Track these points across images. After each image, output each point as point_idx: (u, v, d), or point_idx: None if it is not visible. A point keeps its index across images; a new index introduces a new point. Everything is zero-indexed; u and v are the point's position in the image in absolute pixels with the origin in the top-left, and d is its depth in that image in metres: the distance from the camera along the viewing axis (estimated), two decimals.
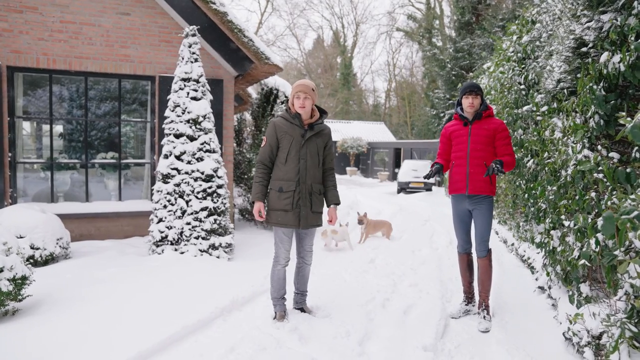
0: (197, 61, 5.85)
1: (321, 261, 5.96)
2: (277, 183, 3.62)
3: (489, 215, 3.81)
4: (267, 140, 3.63)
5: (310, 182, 3.66)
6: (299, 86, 3.58)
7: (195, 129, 5.71)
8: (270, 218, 3.67)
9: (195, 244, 5.60)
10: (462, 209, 3.97)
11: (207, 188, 5.67)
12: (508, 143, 3.76)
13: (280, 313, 3.79)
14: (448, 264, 6.04)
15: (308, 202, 3.65)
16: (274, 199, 3.63)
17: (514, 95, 6.06)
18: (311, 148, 3.66)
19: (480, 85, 3.60)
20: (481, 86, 9.73)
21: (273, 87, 8.33)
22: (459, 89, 5.11)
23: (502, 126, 3.80)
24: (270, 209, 3.66)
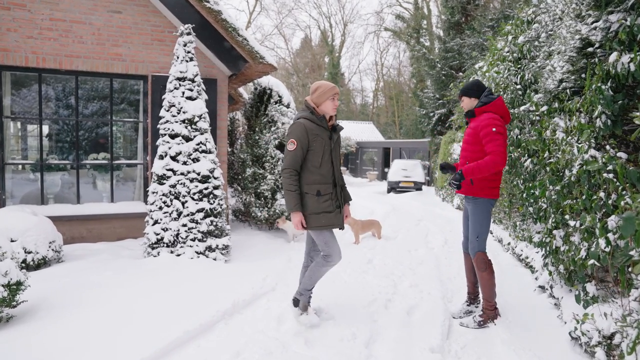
0: (193, 60, 5.76)
1: None
2: (314, 187, 3.52)
3: (478, 216, 3.73)
4: (299, 143, 3.44)
5: (340, 182, 3.72)
6: (334, 88, 3.53)
7: (191, 129, 5.62)
8: (313, 222, 3.51)
9: (192, 246, 5.51)
10: (465, 208, 4.08)
11: (204, 189, 5.58)
12: (490, 140, 3.49)
13: (306, 305, 3.80)
14: (445, 263, 6.04)
15: (341, 202, 3.69)
16: (312, 203, 3.51)
17: (510, 95, 6.08)
18: (336, 149, 3.67)
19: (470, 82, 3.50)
20: None
21: (266, 86, 8.26)
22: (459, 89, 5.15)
23: (485, 122, 3.55)
24: (311, 213, 3.51)
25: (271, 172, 7.66)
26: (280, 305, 4.23)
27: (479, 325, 3.75)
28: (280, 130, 7.72)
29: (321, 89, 3.54)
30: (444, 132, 17.08)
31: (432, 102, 18.45)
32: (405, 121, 38.45)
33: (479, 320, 3.78)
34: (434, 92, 18.50)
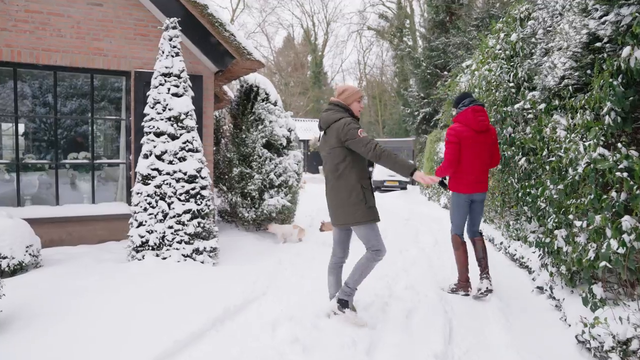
0: (178, 55, 5.53)
1: (309, 265, 5.76)
2: (367, 182, 3.73)
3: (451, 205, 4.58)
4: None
5: None
6: (360, 91, 3.79)
7: (177, 127, 5.40)
8: (369, 215, 3.64)
9: (178, 248, 5.29)
10: (466, 204, 4.54)
11: (190, 189, 5.37)
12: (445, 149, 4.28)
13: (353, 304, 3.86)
14: (438, 264, 5.94)
15: None
16: (369, 196, 3.68)
17: (502, 93, 6.02)
18: None
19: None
20: (462, 84, 9.75)
21: (253, 84, 8.05)
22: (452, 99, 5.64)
23: (447, 133, 4.28)
24: (370, 207, 3.65)
25: (258, 172, 7.47)
26: (273, 310, 4.07)
27: (451, 291, 4.65)
28: (267, 128, 7.53)
29: (349, 91, 3.75)
30: (429, 130, 17.08)
31: (416, 101, 18.44)
32: (388, 120, 38.52)
33: (452, 287, 4.68)
34: (419, 91, 18.50)
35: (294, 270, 5.47)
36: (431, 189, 14.23)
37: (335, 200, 3.69)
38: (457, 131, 4.15)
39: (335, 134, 3.58)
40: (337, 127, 3.57)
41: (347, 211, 3.61)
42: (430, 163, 14.19)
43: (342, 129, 3.53)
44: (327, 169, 3.74)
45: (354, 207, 3.59)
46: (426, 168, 15.28)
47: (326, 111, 3.75)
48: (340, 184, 3.63)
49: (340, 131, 3.54)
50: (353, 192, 3.60)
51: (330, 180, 3.72)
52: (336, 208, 3.71)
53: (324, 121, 3.72)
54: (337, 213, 3.71)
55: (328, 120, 3.68)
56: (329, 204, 3.79)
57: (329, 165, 3.71)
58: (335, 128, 3.60)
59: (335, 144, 3.60)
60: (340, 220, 3.71)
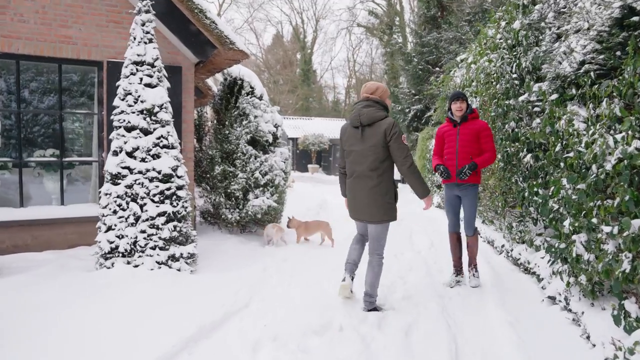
0: (152, 42, 5.02)
1: (297, 272, 5.29)
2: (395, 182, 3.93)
3: (475, 201, 4.57)
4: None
5: None
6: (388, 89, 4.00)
7: (150, 121, 4.89)
8: (395, 214, 3.92)
9: (152, 255, 4.80)
10: (451, 195, 4.71)
11: (165, 190, 4.87)
12: (490, 140, 4.44)
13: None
14: (436, 268, 5.51)
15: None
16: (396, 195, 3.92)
17: (504, 85, 5.60)
18: None
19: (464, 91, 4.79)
20: (458, 79, 9.35)
21: (237, 76, 7.55)
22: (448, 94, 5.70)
23: (485, 126, 4.48)
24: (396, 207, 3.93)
25: (242, 170, 6.98)
26: (256, 326, 3.61)
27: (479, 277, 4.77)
28: (252, 124, 7.04)
29: (382, 89, 3.84)
30: (421, 128, 16.70)
31: (407, 98, 18.05)
32: None
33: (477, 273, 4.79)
34: (410, 87, 18.11)
35: (281, 278, 5.01)
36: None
37: (370, 198, 3.74)
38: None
39: (382, 134, 3.63)
40: (386, 125, 3.62)
41: (380, 210, 3.74)
42: (423, 161, 13.80)
43: (391, 128, 3.61)
44: (365, 166, 3.73)
45: (386, 207, 3.76)
46: (418, 166, 14.89)
47: (366, 107, 3.71)
48: (381, 182, 3.71)
49: (389, 131, 3.61)
50: (389, 192, 3.76)
51: (366, 178, 3.74)
52: (369, 205, 3.76)
53: (368, 117, 3.68)
54: (370, 210, 3.77)
55: (373, 117, 3.67)
56: (363, 201, 3.79)
57: (367, 162, 3.71)
58: (382, 127, 3.64)
59: (380, 142, 3.65)
60: (369, 217, 3.80)
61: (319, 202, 11.03)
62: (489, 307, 4.09)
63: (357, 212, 3.90)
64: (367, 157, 3.71)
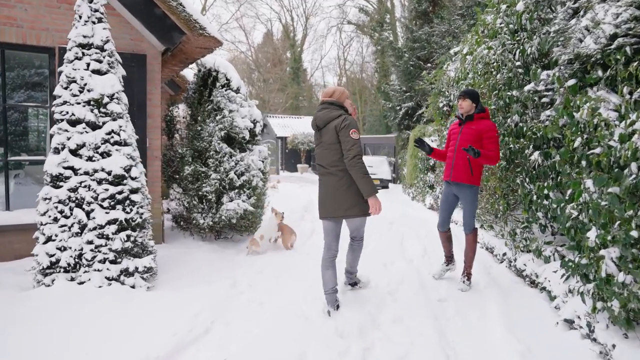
0: (102, 21, 4.33)
1: (272, 287, 4.63)
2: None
3: (474, 203, 4.43)
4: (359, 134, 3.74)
5: None
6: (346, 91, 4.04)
7: (99, 114, 4.20)
8: (367, 208, 3.82)
9: (101, 269, 4.11)
10: (448, 192, 4.59)
11: (117, 193, 4.18)
12: (494, 142, 4.22)
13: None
14: (431, 281, 4.87)
15: None
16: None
17: (506, 75, 4.98)
18: None
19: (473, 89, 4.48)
20: (452, 73, 8.73)
21: (212, 68, 6.85)
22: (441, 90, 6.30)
23: (490, 127, 4.26)
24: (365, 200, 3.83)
25: (216, 170, 6.29)
26: None
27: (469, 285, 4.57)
28: (227, 119, 6.35)
29: (339, 91, 3.94)
30: (412, 126, 16.11)
31: (398, 95, 17.45)
32: (369, 117, 37.61)
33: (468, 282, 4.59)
34: (401, 84, 17.51)
35: (252, 295, 4.34)
36: (415, 188, 13.23)
37: (335, 193, 3.78)
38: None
39: (334, 130, 3.71)
40: (335, 123, 3.71)
41: (351, 203, 3.76)
42: (414, 160, 13.19)
43: (340, 122, 3.68)
44: (325, 164, 3.82)
45: (356, 200, 3.76)
46: (410, 165, 14.29)
47: (321, 110, 3.84)
48: (343, 177, 3.75)
49: (339, 125, 3.68)
50: (353, 185, 3.74)
51: (329, 175, 3.81)
52: (340, 201, 3.77)
53: (322, 120, 3.81)
54: (340, 206, 3.77)
55: (326, 119, 3.79)
56: (328, 197, 3.82)
57: (327, 160, 3.80)
58: (333, 125, 3.73)
59: (334, 138, 3.72)
60: (334, 213, 3.80)
61: (305, 204, 10.36)
62: (494, 332, 3.46)
63: (323, 210, 3.89)
64: (327, 156, 3.81)
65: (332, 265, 3.92)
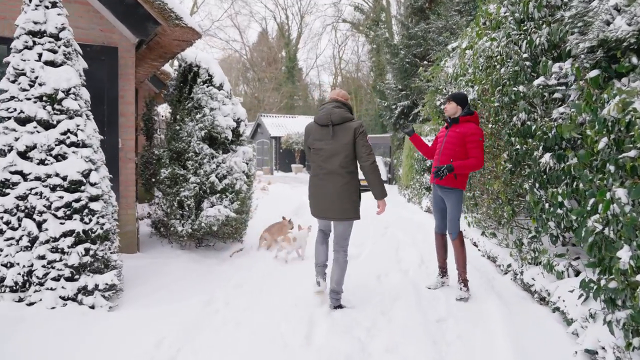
0: (57, 6, 3.82)
1: (252, 303, 4.15)
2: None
3: (458, 206, 4.32)
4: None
5: None
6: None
7: (53, 111, 3.70)
8: (359, 213, 3.93)
9: (54, 288, 3.61)
10: (436, 195, 4.53)
11: (73, 201, 3.68)
12: (476, 146, 4.16)
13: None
14: (428, 296, 4.40)
15: None
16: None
17: (511, 69, 4.52)
18: None
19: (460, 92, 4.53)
20: (449, 69, 8.28)
21: (193, 62, 6.35)
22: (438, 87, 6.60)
23: (473, 130, 4.19)
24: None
25: (195, 173, 5.80)
26: None
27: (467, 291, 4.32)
28: (207, 118, 5.85)
29: (347, 96, 4.01)
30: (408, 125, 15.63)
31: (394, 94, 16.99)
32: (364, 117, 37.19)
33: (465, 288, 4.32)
34: (396, 82, 17.05)
35: (229, 314, 3.86)
36: (410, 190, 12.76)
37: (340, 195, 3.79)
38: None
39: (352, 132, 3.75)
40: (355, 125, 3.77)
41: (349, 207, 3.81)
42: (410, 160, 12.73)
43: (359, 128, 3.77)
44: (337, 164, 3.78)
45: (353, 204, 3.84)
46: (405, 166, 13.83)
47: (337, 108, 3.83)
48: (350, 180, 3.82)
49: (358, 130, 3.75)
50: (357, 190, 3.89)
51: (336, 175, 3.79)
52: (339, 203, 3.80)
53: (339, 116, 3.79)
54: (339, 207, 3.81)
55: (344, 117, 3.80)
56: (334, 198, 3.80)
57: (338, 160, 3.77)
58: (352, 126, 3.78)
59: (351, 140, 3.75)
60: (339, 214, 3.83)
61: (296, 207, 9.88)
62: None
63: (325, 210, 3.88)
64: (339, 155, 3.77)
65: (325, 241, 4.12)
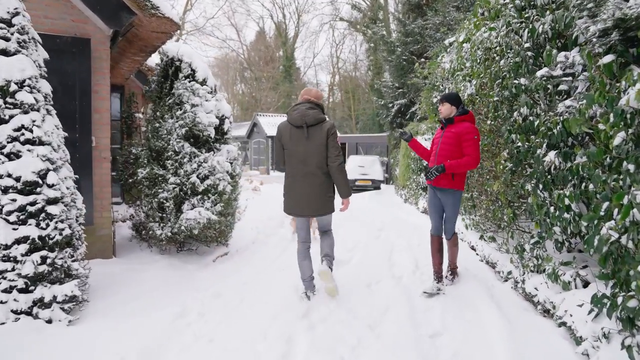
0: None
1: (230, 315, 3.79)
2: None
3: (456, 208, 4.29)
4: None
5: None
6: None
7: (4, 105, 3.34)
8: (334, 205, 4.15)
9: (5, 301, 3.25)
10: (433, 197, 4.43)
11: (28, 205, 3.32)
12: (471, 144, 4.10)
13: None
14: (422, 306, 4.05)
15: None
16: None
17: (512, 60, 4.17)
18: None
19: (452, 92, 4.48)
20: (446, 65, 7.93)
21: (175, 56, 5.99)
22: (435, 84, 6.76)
23: (469, 129, 4.13)
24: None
25: (175, 174, 5.44)
26: None
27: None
28: (188, 114, 5.49)
29: (320, 94, 4.14)
30: (405, 124, 15.31)
31: (391, 92, 16.64)
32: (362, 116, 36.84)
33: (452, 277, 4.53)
34: (393, 80, 16.71)
35: (202, 328, 3.51)
36: (407, 190, 12.42)
37: (319, 194, 3.98)
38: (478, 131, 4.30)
39: (325, 133, 3.89)
40: (328, 127, 3.92)
41: (327, 203, 4.04)
42: (407, 160, 12.38)
43: (331, 129, 3.93)
44: (314, 164, 3.92)
45: (331, 199, 4.06)
46: (402, 166, 13.49)
47: (311, 109, 3.93)
48: (326, 179, 3.98)
49: (330, 131, 3.91)
50: (332, 187, 4.07)
51: (312, 176, 3.95)
52: (318, 202, 3.99)
53: (313, 118, 3.90)
54: (320, 205, 4.01)
55: (318, 118, 3.92)
56: (312, 197, 3.98)
57: (314, 161, 3.91)
58: (325, 127, 3.91)
59: (324, 141, 3.89)
60: (321, 211, 4.04)
61: None
62: None
63: (304, 209, 4.04)
64: (314, 157, 3.92)
65: (308, 255, 4.18)
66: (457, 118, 4.23)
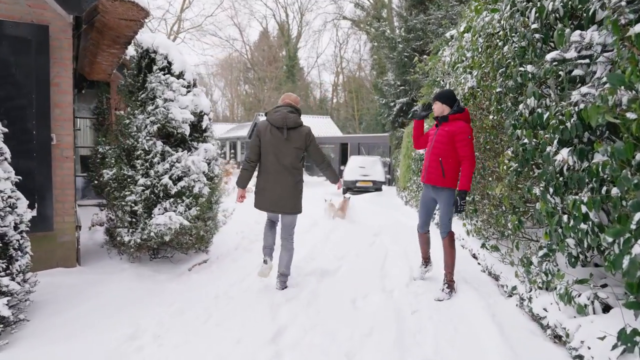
0: None
1: (189, 337, 3.28)
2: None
3: (448, 203, 4.27)
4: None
5: None
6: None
7: None
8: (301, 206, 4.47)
9: None
10: (426, 194, 4.50)
11: None
12: (465, 145, 4.09)
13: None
14: (414, 328, 3.52)
15: None
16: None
17: (517, 44, 3.63)
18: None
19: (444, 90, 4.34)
20: (447, 59, 7.40)
21: (150, 48, 5.49)
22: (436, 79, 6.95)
23: (462, 129, 4.11)
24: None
25: (146, 175, 4.94)
26: None
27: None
28: (160, 110, 4.98)
29: (298, 100, 4.55)
30: (407, 123, 14.76)
31: (392, 90, 16.10)
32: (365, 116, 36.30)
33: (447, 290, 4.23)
34: (395, 78, 16.17)
35: (153, 354, 3.01)
36: (408, 192, 11.87)
37: (291, 193, 4.25)
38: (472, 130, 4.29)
39: (303, 138, 4.27)
40: (306, 131, 4.30)
41: (297, 202, 4.31)
42: (408, 160, 11.84)
43: (309, 134, 4.31)
44: (288, 163, 4.22)
45: (299, 200, 4.35)
46: (403, 166, 12.94)
47: (292, 113, 4.27)
48: (299, 179, 4.31)
49: (308, 137, 4.29)
50: (302, 187, 4.38)
51: (287, 174, 4.22)
52: (289, 199, 4.25)
53: (293, 121, 4.23)
54: (290, 203, 4.26)
55: (297, 122, 4.27)
56: (285, 195, 4.22)
57: (289, 160, 4.23)
58: (303, 132, 4.28)
59: (301, 145, 4.26)
60: (290, 209, 4.28)
61: None
62: None
63: (274, 205, 4.25)
64: (290, 156, 4.22)
65: (273, 228, 4.57)
66: (452, 116, 4.22)
